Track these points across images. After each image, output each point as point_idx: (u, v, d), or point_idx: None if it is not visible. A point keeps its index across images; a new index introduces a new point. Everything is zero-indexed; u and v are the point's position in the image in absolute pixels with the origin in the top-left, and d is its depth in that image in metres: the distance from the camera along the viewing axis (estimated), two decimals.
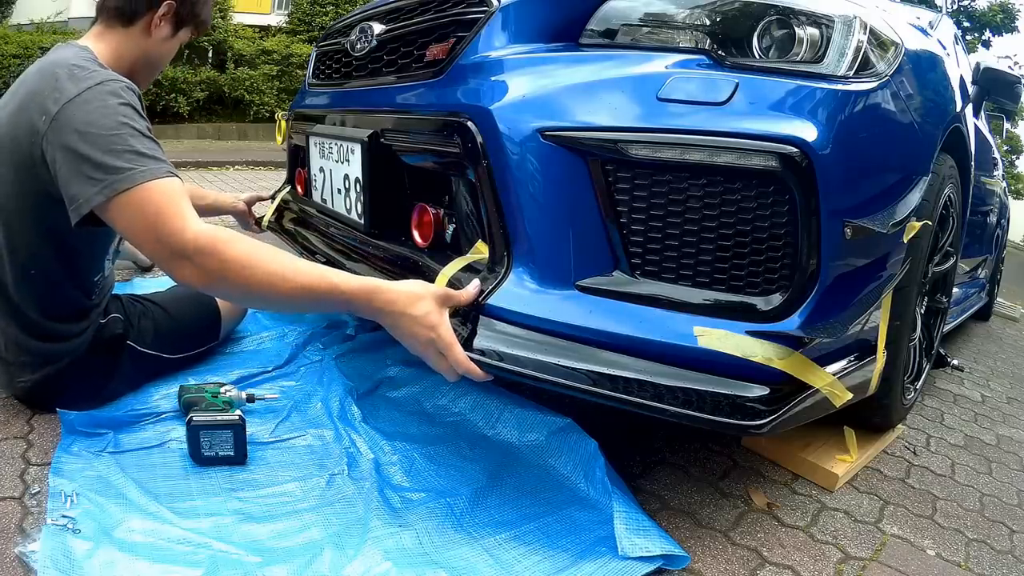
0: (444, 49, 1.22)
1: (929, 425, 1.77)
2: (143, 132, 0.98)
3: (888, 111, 1.04)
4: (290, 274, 0.91)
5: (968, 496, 1.39)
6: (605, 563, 0.93)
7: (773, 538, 1.11)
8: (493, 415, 1.32)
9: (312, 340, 1.62)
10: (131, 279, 2.04)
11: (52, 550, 0.82)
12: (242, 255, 0.90)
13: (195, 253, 0.90)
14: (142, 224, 0.92)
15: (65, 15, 8.42)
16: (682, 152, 0.92)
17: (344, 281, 0.94)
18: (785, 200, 0.91)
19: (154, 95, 7.19)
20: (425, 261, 1.20)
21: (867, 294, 1.08)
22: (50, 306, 1.13)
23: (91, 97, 0.97)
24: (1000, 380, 2.46)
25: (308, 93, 1.83)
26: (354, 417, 1.27)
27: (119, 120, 0.97)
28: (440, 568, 0.90)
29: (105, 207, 0.93)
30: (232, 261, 0.90)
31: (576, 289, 0.99)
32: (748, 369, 0.91)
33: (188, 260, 0.90)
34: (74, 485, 0.96)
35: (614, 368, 0.94)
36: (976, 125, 1.76)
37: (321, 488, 1.06)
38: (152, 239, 0.92)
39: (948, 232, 1.62)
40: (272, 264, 0.91)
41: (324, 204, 1.60)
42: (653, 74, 0.99)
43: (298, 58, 8.40)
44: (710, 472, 1.30)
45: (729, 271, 0.95)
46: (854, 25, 0.98)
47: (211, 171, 5.78)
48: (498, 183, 1.02)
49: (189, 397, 1.19)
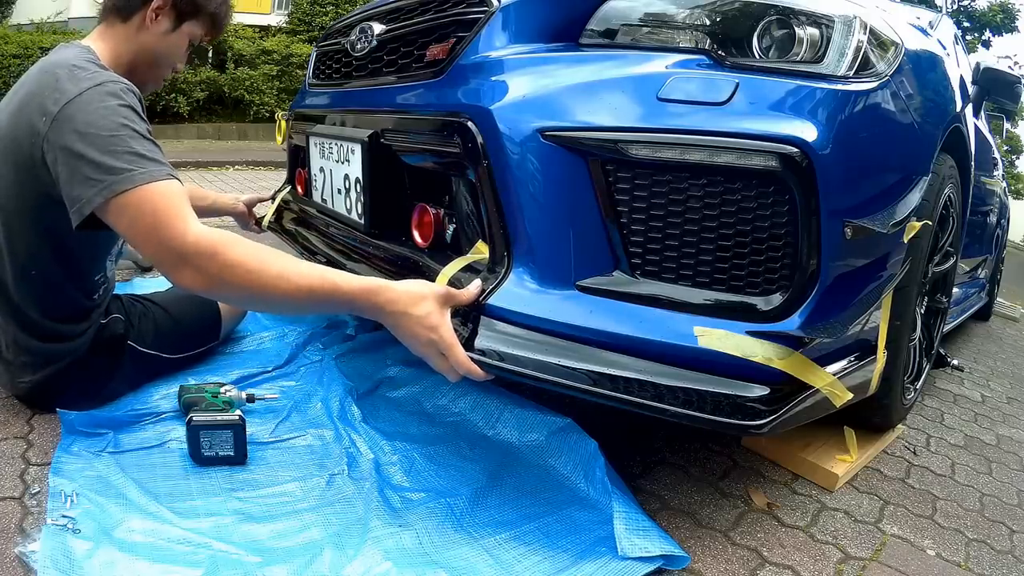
0: (444, 49, 1.22)
1: (929, 425, 1.77)
2: (143, 134, 0.98)
3: (888, 111, 1.04)
4: (292, 276, 0.91)
5: (968, 496, 1.39)
6: (605, 563, 0.93)
7: (773, 538, 1.11)
8: (493, 415, 1.32)
9: (312, 340, 1.62)
10: (131, 279, 2.04)
11: (52, 550, 0.82)
12: (243, 258, 0.90)
13: (195, 256, 0.89)
14: (142, 226, 0.92)
15: (65, 15, 8.42)
16: (682, 152, 0.92)
17: (346, 281, 0.94)
18: (785, 200, 0.91)
19: (154, 95, 7.19)
20: (425, 261, 1.20)
21: (867, 294, 1.08)
22: (51, 306, 1.13)
23: (91, 98, 0.97)
24: (1000, 380, 2.46)
25: (308, 93, 1.83)
26: (354, 417, 1.27)
27: (119, 121, 0.96)
28: (440, 568, 0.90)
29: (105, 208, 0.93)
30: (233, 264, 0.90)
31: (576, 289, 0.99)
32: (748, 369, 0.91)
33: (188, 263, 0.90)
34: (74, 485, 0.96)
35: (614, 368, 0.94)
36: (976, 125, 1.76)
37: (321, 488, 1.06)
38: (152, 241, 0.91)
39: (948, 232, 1.62)
40: (273, 266, 0.91)
41: (324, 204, 1.60)
42: (653, 74, 0.99)
43: (298, 58, 8.40)
44: (710, 472, 1.30)
45: (729, 271, 0.95)
46: (854, 25, 0.98)
47: (211, 171, 5.78)
48: (498, 183, 1.02)
49: (189, 397, 1.19)
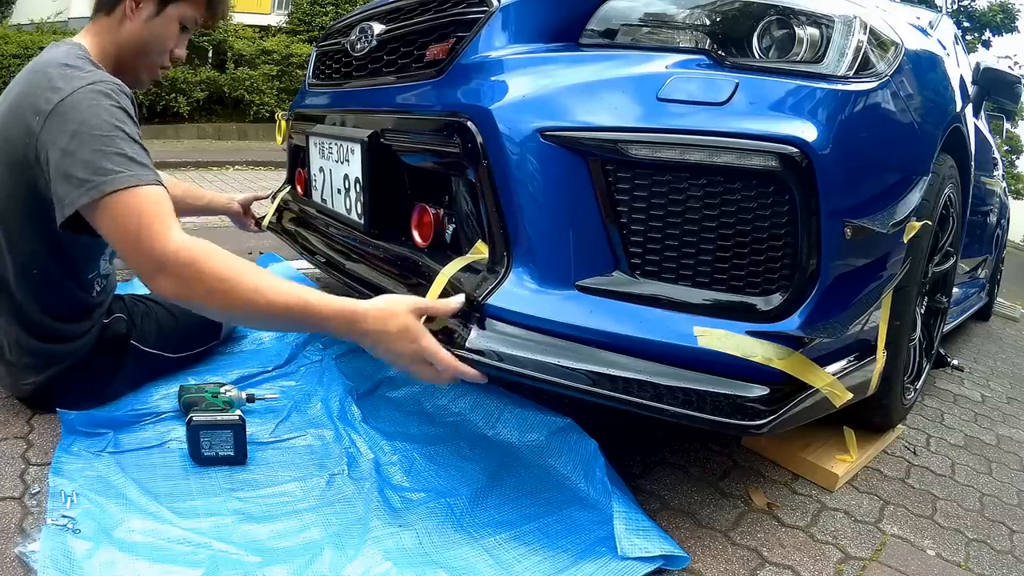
0: (444, 49, 1.22)
1: (929, 425, 1.77)
2: (133, 137, 0.98)
3: (888, 111, 1.04)
4: (267, 292, 0.91)
5: (968, 496, 1.39)
6: (605, 563, 0.93)
7: (773, 538, 1.11)
8: (493, 415, 1.32)
9: (312, 340, 1.62)
10: (131, 279, 2.04)
11: (52, 550, 0.81)
12: (220, 269, 0.90)
13: (175, 264, 0.89)
14: (125, 229, 0.91)
15: (65, 15, 8.42)
16: (682, 152, 0.92)
17: (321, 302, 0.93)
18: (785, 200, 0.91)
19: (154, 95, 7.19)
20: (425, 261, 1.20)
21: (867, 294, 1.08)
22: (52, 305, 1.13)
23: (83, 97, 0.96)
24: (1000, 380, 2.46)
25: (308, 93, 1.83)
26: (354, 417, 1.27)
27: (111, 123, 0.96)
28: (440, 568, 0.90)
29: (89, 209, 0.92)
30: (211, 275, 0.89)
31: (576, 289, 0.99)
32: (748, 369, 0.91)
33: (167, 271, 0.89)
34: (74, 485, 0.96)
35: (614, 368, 0.94)
36: (976, 125, 1.76)
37: (321, 488, 1.06)
38: (133, 246, 0.91)
39: (948, 232, 1.62)
40: (249, 281, 0.90)
41: (324, 204, 1.60)
42: (653, 74, 0.99)
43: (298, 58, 8.40)
44: (710, 472, 1.30)
45: (729, 271, 0.95)
46: (854, 25, 0.98)
47: (211, 171, 5.78)
48: (498, 183, 1.02)
49: (189, 397, 1.19)
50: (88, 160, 0.93)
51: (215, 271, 0.89)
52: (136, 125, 1.01)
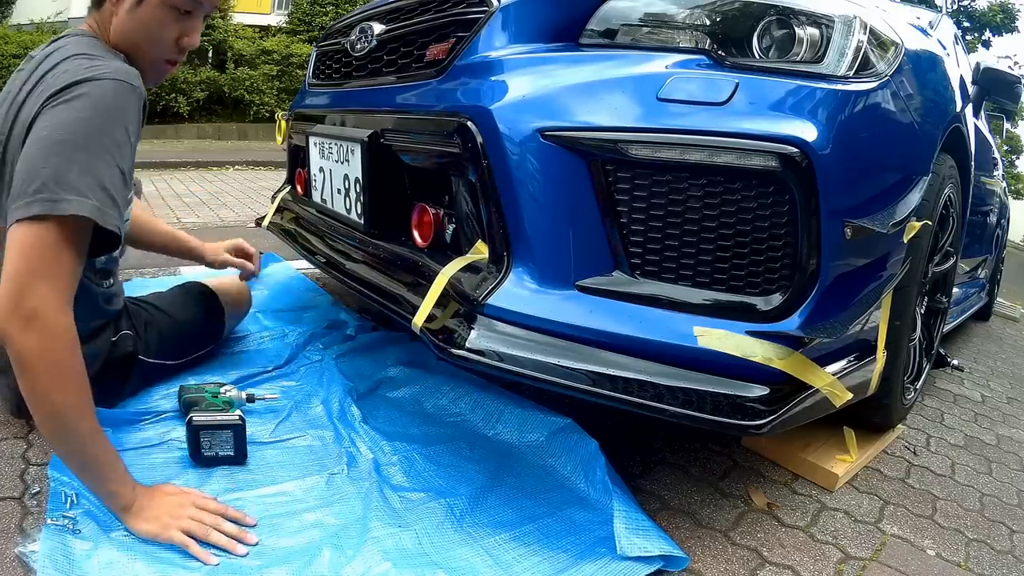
0: (444, 49, 1.22)
1: (929, 425, 1.77)
2: (116, 161, 0.90)
3: (888, 111, 1.04)
4: (84, 421, 0.85)
5: (968, 496, 1.39)
6: (605, 564, 0.93)
7: (773, 538, 1.11)
8: (493, 415, 1.32)
9: (312, 340, 1.62)
10: (131, 279, 2.04)
11: (52, 550, 0.82)
12: (66, 365, 0.83)
13: (39, 323, 0.80)
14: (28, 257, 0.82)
15: (65, 15, 8.42)
16: (682, 152, 0.92)
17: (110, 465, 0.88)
18: (785, 200, 0.91)
19: (154, 95, 7.20)
20: (425, 261, 1.20)
21: (867, 294, 1.08)
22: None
23: (81, 94, 0.90)
24: (1000, 380, 2.46)
25: (308, 93, 1.83)
26: (354, 417, 1.27)
27: (106, 131, 0.90)
28: (440, 568, 0.90)
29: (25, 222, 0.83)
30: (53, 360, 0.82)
31: (576, 289, 0.99)
32: (748, 369, 0.91)
33: (23, 321, 0.80)
34: (74, 485, 0.96)
35: (614, 368, 0.94)
36: (976, 125, 1.76)
37: (321, 488, 1.06)
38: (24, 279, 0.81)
39: (948, 232, 1.62)
40: (81, 395, 0.85)
41: (324, 204, 1.60)
42: (653, 74, 0.99)
43: (298, 58, 8.41)
44: (710, 472, 1.30)
45: (729, 271, 0.95)
46: (854, 25, 0.98)
47: (211, 171, 5.78)
48: (498, 183, 1.02)
49: (189, 397, 1.19)
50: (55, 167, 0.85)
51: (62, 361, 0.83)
52: (137, 132, 0.98)
